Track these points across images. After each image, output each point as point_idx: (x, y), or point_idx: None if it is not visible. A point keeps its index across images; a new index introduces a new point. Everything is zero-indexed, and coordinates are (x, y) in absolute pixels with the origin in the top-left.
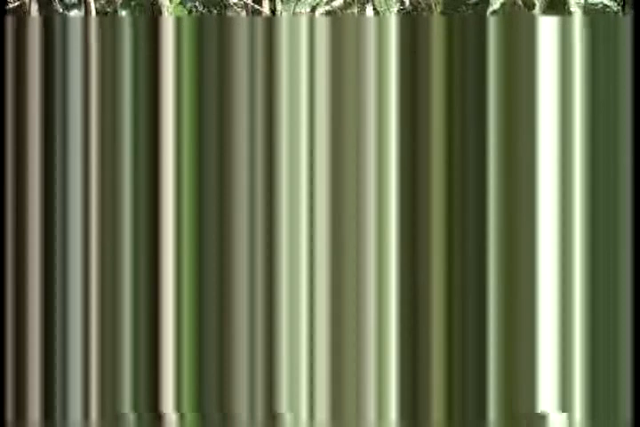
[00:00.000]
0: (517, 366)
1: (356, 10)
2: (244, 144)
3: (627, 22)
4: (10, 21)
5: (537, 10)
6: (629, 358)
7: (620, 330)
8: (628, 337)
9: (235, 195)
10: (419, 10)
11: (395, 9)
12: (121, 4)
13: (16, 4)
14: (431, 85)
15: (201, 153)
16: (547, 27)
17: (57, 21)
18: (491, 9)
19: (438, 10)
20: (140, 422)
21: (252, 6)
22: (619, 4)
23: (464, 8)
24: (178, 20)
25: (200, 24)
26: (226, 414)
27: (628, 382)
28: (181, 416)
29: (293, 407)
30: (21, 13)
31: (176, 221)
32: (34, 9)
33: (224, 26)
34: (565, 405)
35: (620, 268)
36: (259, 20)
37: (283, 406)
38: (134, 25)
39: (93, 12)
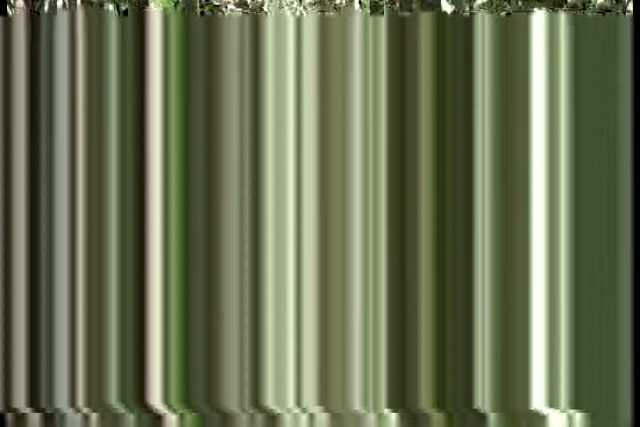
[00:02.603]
0: (510, 361)
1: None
2: (232, 139)
3: (627, 22)
4: None
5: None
6: (629, 357)
7: (620, 328)
8: (628, 335)
9: (222, 191)
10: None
11: None
12: None
13: None
14: (420, 82)
15: (188, 148)
16: (537, 24)
17: (43, 15)
18: (479, 1)
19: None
20: (138, 421)
21: None
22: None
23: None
24: (165, 14)
25: (187, 18)
26: (219, 412)
27: (628, 381)
28: (181, 417)
29: (280, 400)
30: (4, 4)
31: (163, 214)
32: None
33: (211, 21)
34: (554, 401)
35: (619, 267)
36: (246, 16)
37: (269, 397)
38: (121, 19)
39: (79, 1)
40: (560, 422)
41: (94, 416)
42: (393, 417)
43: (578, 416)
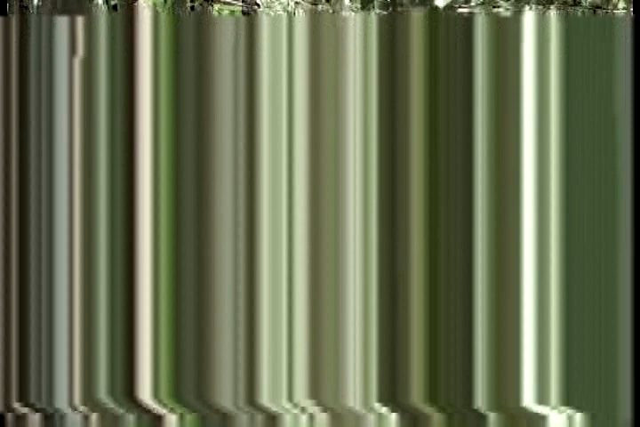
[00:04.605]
0: (505, 359)
1: None
2: (223, 140)
3: (622, 21)
4: None
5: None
6: (629, 356)
7: (620, 328)
8: (628, 335)
9: (215, 187)
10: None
11: None
12: None
13: None
14: (412, 79)
15: (179, 150)
16: (529, 23)
17: (32, 17)
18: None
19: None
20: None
21: None
22: None
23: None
24: (155, 10)
25: (178, 18)
26: (211, 408)
27: (628, 381)
28: (181, 417)
29: (273, 394)
30: (4, 4)
31: (154, 210)
32: None
33: (202, 17)
34: (551, 400)
35: (618, 267)
36: (240, 17)
37: (262, 392)
38: (111, 20)
39: None
40: (558, 422)
41: (86, 412)
42: (384, 411)
43: (576, 416)
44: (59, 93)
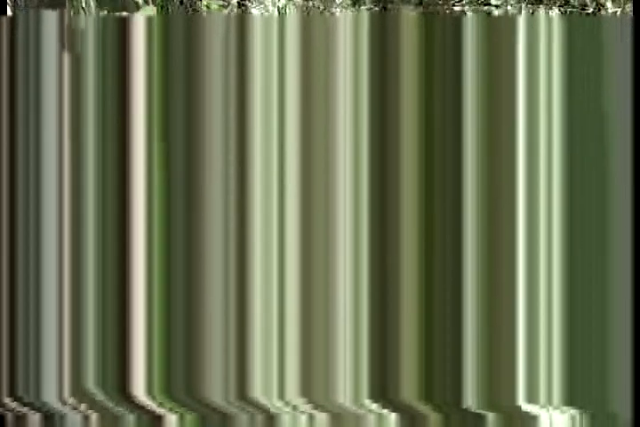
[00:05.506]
0: (499, 358)
1: None
2: (214, 137)
3: (622, 22)
4: None
5: None
6: (629, 355)
7: (618, 326)
8: (628, 335)
9: (205, 185)
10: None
11: None
12: None
13: None
14: (403, 80)
15: (170, 143)
16: (519, 22)
17: (20, 11)
18: None
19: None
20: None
21: None
22: None
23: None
24: (147, 16)
25: (170, 20)
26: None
27: (628, 380)
28: (181, 417)
29: (266, 391)
30: (4, 4)
31: (147, 208)
32: None
33: (194, 23)
34: (540, 397)
35: (617, 264)
36: (230, 15)
37: (254, 389)
38: (103, 22)
39: None
40: (558, 421)
41: (80, 408)
42: (375, 408)
43: (577, 415)
44: (47, 88)
